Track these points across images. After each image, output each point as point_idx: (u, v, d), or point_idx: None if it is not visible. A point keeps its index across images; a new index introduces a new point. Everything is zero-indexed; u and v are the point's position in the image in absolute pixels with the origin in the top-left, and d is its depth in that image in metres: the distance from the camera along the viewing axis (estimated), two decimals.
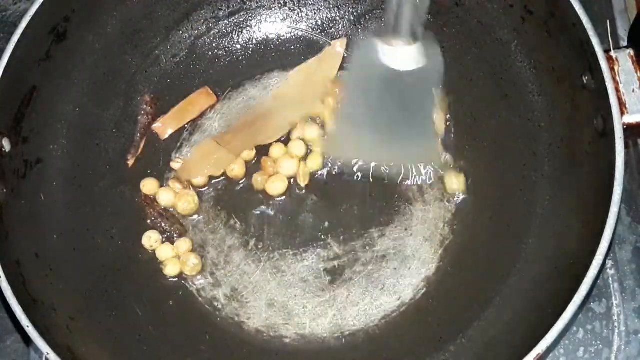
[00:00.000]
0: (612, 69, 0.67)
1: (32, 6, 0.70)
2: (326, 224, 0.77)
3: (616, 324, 0.75)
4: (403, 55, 0.67)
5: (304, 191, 0.79)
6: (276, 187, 0.78)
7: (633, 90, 0.67)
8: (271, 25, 0.85)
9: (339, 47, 0.82)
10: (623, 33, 0.83)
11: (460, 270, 0.74)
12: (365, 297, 0.75)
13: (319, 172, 0.79)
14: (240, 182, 0.79)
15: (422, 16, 0.65)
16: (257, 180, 0.78)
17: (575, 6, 0.66)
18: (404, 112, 0.72)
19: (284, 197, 0.79)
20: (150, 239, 0.76)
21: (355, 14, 0.83)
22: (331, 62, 0.82)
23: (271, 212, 0.78)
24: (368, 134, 0.74)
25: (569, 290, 0.61)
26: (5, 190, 0.69)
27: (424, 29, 0.66)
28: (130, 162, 0.80)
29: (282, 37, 0.85)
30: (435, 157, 0.78)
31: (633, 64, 0.68)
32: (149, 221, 0.77)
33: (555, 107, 0.73)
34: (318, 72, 0.82)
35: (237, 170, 0.79)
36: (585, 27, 0.66)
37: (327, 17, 0.84)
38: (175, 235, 0.77)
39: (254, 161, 0.80)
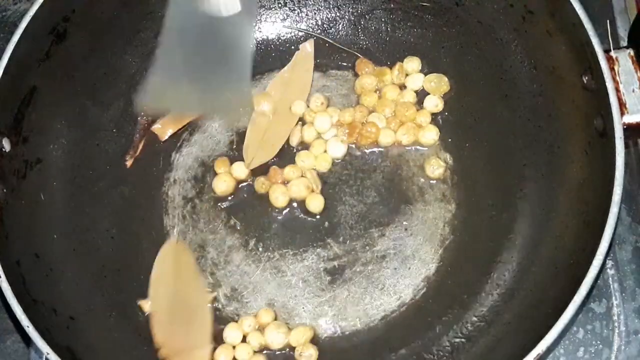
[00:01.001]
0: (612, 69, 0.67)
1: (32, 6, 0.70)
2: (326, 224, 0.77)
3: (616, 324, 0.75)
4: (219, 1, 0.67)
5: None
6: (279, 200, 0.78)
7: (633, 90, 0.67)
8: (271, 25, 0.85)
9: (308, 47, 0.82)
10: (623, 33, 0.83)
11: (460, 270, 0.74)
12: (365, 297, 0.75)
13: (320, 173, 0.79)
14: (242, 184, 0.79)
15: None
16: (261, 184, 0.78)
17: (575, 6, 0.66)
18: (219, 60, 0.71)
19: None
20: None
21: (355, 13, 0.83)
22: (305, 64, 0.82)
23: (271, 212, 0.78)
24: (184, 84, 0.73)
25: (569, 290, 0.61)
26: (5, 191, 0.69)
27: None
28: (129, 163, 0.80)
29: (282, 37, 0.85)
30: (247, 102, 0.78)
31: (633, 64, 0.68)
32: None
33: (555, 107, 0.73)
34: (294, 78, 0.82)
35: (239, 172, 0.79)
36: (585, 27, 0.66)
37: (327, 17, 0.84)
38: None
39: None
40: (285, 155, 0.80)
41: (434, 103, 0.80)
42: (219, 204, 0.79)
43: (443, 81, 0.80)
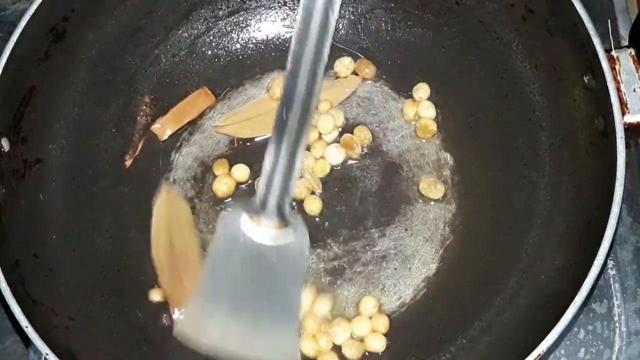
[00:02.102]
0: (613, 69, 0.67)
1: (31, 6, 0.70)
2: (326, 224, 0.77)
3: (617, 325, 0.75)
4: (269, 233, 0.66)
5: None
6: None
7: (634, 90, 0.67)
8: (271, 25, 0.84)
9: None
10: (624, 32, 0.83)
11: (460, 270, 0.74)
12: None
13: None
14: (243, 185, 0.79)
15: (290, 198, 0.65)
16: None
17: (576, 5, 0.66)
18: (266, 295, 0.68)
19: None
20: None
21: (355, 13, 0.83)
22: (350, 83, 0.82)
23: None
24: (226, 317, 0.68)
25: (570, 291, 0.61)
26: (4, 191, 0.69)
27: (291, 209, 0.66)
28: (128, 163, 0.80)
29: (282, 37, 0.84)
30: (292, 348, 0.69)
31: (634, 63, 0.68)
32: None
33: (556, 106, 0.73)
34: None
35: (240, 173, 0.79)
36: (587, 26, 0.66)
37: None
38: None
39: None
40: None
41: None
42: (219, 204, 0.78)
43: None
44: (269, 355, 0.68)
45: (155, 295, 0.74)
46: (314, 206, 0.77)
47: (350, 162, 0.79)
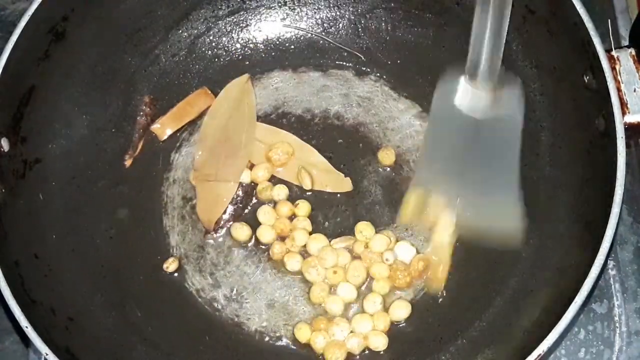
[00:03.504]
0: (613, 69, 0.67)
1: (30, 5, 0.70)
2: (326, 224, 0.77)
3: (617, 325, 0.75)
4: (481, 101, 0.66)
5: (305, 193, 0.79)
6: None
7: (634, 90, 0.67)
8: (271, 25, 0.84)
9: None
10: (624, 32, 0.83)
11: (460, 270, 0.74)
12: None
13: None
14: (244, 185, 0.79)
15: (500, 57, 0.65)
16: (264, 192, 0.78)
17: (576, 5, 0.66)
18: (484, 164, 0.71)
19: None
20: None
21: (355, 13, 0.83)
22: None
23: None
24: (452, 181, 0.72)
25: (570, 291, 0.61)
26: (4, 190, 0.68)
27: (510, 76, 0.66)
28: (128, 163, 0.80)
29: (282, 37, 0.84)
30: (515, 217, 0.72)
31: (634, 63, 0.68)
32: None
33: (556, 106, 0.73)
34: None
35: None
36: (587, 26, 0.66)
37: (327, 16, 0.84)
38: None
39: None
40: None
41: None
42: None
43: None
44: (495, 222, 0.71)
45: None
46: (306, 209, 0.77)
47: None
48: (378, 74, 0.83)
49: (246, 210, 0.78)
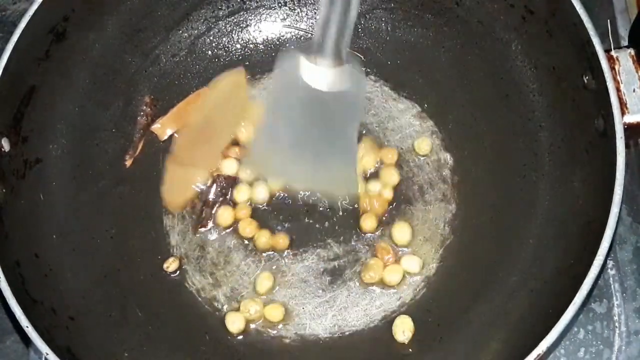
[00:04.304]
0: (612, 69, 0.67)
1: (31, 6, 0.70)
2: (326, 224, 0.77)
3: (617, 325, 0.75)
4: (326, 76, 0.66)
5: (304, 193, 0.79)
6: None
7: (634, 90, 0.67)
8: (271, 25, 0.84)
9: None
10: (624, 32, 0.83)
11: (460, 270, 0.74)
12: (365, 297, 0.75)
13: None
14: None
15: (348, 38, 0.64)
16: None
17: (576, 6, 0.66)
18: (325, 136, 0.71)
19: (284, 198, 0.78)
20: None
21: None
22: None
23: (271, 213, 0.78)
24: (287, 155, 0.73)
25: (569, 291, 0.61)
26: (4, 191, 0.69)
27: (352, 53, 0.66)
28: (128, 163, 0.80)
29: (282, 37, 0.84)
30: (353, 188, 0.76)
31: (634, 63, 0.68)
32: None
33: (555, 107, 0.73)
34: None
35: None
36: (586, 26, 0.66)
37: None
38: None
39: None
40: None
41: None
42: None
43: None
44: (331, 187, 0.75)
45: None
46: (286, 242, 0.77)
47: None
48: (378, 74, 0.83)
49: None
